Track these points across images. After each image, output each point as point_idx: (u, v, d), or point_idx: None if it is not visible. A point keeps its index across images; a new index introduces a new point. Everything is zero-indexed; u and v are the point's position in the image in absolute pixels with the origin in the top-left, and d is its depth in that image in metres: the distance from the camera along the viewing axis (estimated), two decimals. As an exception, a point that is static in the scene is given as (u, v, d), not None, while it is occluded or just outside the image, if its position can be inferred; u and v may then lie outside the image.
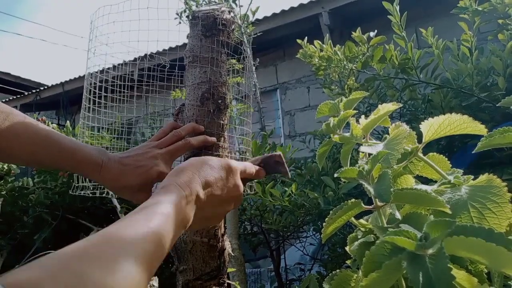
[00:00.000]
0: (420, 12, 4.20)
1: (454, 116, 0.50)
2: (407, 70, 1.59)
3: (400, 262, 0.34)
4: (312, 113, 5.04)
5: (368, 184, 0.49)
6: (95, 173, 0.66)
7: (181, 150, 0.73)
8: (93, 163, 0.65)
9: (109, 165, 0.66)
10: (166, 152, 0.71)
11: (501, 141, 0.46)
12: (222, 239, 0.80)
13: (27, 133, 0.61)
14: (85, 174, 0.70)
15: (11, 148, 0.61)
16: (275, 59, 5.58)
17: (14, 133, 0.60)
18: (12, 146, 0.60)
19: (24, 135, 0.61)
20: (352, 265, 0.55)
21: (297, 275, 2.78)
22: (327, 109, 0.65)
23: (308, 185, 1.85)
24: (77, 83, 6.78)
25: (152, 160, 0.69)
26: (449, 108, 1.49)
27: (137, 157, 0.69)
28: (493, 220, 0.43)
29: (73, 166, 0.66)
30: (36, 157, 0.64)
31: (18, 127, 0.61)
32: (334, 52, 1.70)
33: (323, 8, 4.78)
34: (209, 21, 0.79)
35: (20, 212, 3.26)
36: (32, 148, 0.62)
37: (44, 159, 0.65)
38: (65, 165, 0.66)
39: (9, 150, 0.61)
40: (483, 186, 0.45)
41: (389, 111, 0.58)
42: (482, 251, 0.33)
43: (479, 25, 1.54)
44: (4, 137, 0.59)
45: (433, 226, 0.36)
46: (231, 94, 0.85)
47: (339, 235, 1.86)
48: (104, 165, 0.66)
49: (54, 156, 0.64)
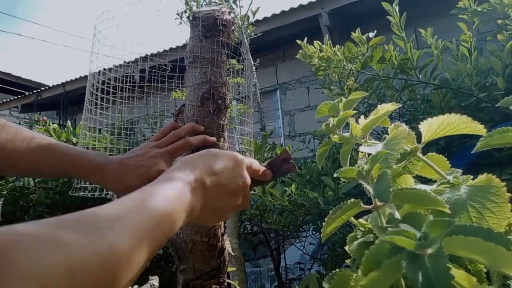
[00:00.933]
0: (420, 13, 4.20)
1: (453, 116, 0.50)
2: (407, 70, 1.59)
3: (400, 261, 0.34)
4: (312, 113, 5.04)
5: (368, 184, 0.49)
6: (95, 175, 0.67)
7: (180, 149, 0.74)
8: (94, 166, 0.66)
9: (109, 167, 0.67)
10: (166, 152, 0.71)
11: (500, 141, 0.47)
12: (222, 238, 0.80)
13: (27, 143, 0.63)
14: (86, 177, 0.71)
15: (11, 159, 0.62)
16: (275, 60, 5.58)
17: (12, 145, 0.61)
18: (12, 156, 0.61)
19: (23, 146, 0.62)
20: (351, 264, 0.55)
21: (297, 275, 2.79)
22: (326, 109, 0.65)
23: (308, 185, 1.85)
24: (78, 84, 6.79)
25: (151, 159, 0.69)
26: (448, 108, 1.49)
27: (136, 158, 0.69)
28: (492, 220, 0.43)
29: (74, 172, 0.67)
30: (36, 167, 0.65)
31: (17, 138, 0.62)
32: (333, 53, 1.71)
33: (323, 8, 4.78)
34: (210, 22, 0.79)
35: (21, 212, 3.26)
36: (32, 158, 0.63)
37: (44, 168, 0.66)
38: (66, 172, 0.67)
39: (9, 160, 0.62)
40: (482, 186, 0.45)
41: (388, 111, 0.59)
42: (481, 251, 0.33)
43: (478, 25, 1.54)
44: (3, 149, 0.60)
45: (432, 226, 0.36)
46: (231, 95, 0.85)
47: (339, 234, 1.86)
48: (104, 167, 0.66)
49: (55, 165, 0.65)
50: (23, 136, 0.63)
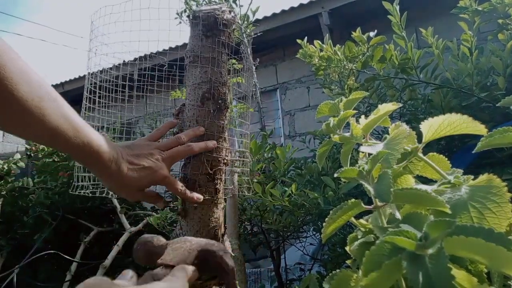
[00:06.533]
0: (420, 12, 4.19)
1: (454, 116, 0.50)
2: (407, 70, 1.59)
3: (400, 262, 0.34)
4: (312, 113, 5.05)
5: (368, 184, 0.49)
6: (103, 169, 0.63)
7: (182, 156, 0.74)
8: (105, 160, 0.62)
9: (118, 163, 0.64)
10: (169, 156, 0.71)
11: (501, 141, 0.46)
12: (222, 239, 0.80)
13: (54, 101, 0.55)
14: (93, 167, 0.64)
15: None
16: (275, 59, 5.58)
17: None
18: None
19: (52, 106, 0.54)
20: (352, 265, 0.55)
21: (297, 275, 2.78)
22: (327, 109, 0.65)
23: (308, 185, 1.85)
24: (77, 83, 6.78)
25: (157, 162, 0.69)
26: (449, 108, 1.49)
27: (143, 158, 0.68)
28: (493, 220, 0.43)
29: (86, 154, 0.60)
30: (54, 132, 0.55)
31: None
32: (334, 52, 1.70)
33: (323, 8, 4.78)
34: (210, 21, 0.79)
35: (20, 212, 3.26)
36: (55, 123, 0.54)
37: (60, 140, 0.56)
38: (77, 150, 0.59)
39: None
40: (483, 186, 0.45)
41: (389, 111, 0.58)
42: (482, 251, 0.33)
43: (479, 25, 1.54)
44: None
45: (433, 226, 0.36)
46: (231, 94, 0.85)
47: (339, 235, 1.86)
48: (114, 163, 0.63)
49: (71, 137, 0.56)
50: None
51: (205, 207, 0.77)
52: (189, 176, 0.77)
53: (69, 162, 3.17)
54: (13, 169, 3.41)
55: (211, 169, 0.77)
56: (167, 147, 0.72)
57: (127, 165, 0.65)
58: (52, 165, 3.27)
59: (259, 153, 2.03)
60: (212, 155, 0.77)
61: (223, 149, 0.80)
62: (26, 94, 0.50)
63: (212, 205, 0.78)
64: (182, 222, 0.78)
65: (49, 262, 3.24)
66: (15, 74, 0.49)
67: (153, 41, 0.94)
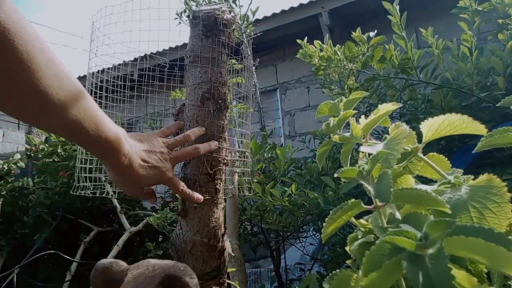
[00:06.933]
0: (420, 12, 4.19)
1: (454, 116, 0.50)
2: (407, 70, 1.59)
3: (400, 262, 0.34)
4: (312, 113, 5.05)
5: (368, 184, 0.49)
6: (116, 164, 0.61)
7: (189, 157, 0.75)
8: (120, 155, 0.61)
9: (131, 159, 0.63)
10: (176, 157, 0.72)
11: (501, 141, 0.46)
12: (222, 239, 0.80)
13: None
14: (106, 160, 0.63)
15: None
16: (275, 59, 5.58)
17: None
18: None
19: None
20: (352, 265, 0.55)
21: (297, 275, 2.78)
22: (327, 109, 0.65)
23: (308, 185, 1.85)
24: (77, 83, 6.77)
25: (165, 163, 0.69)
26: (449, 108, 1.49)
27: (153, 156, 0.68)
28: (493, 220, 0.43)
29: (102, 148, 0.59)
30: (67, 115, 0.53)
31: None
32: (334, 52, 1.70)
33: (323, 8, 4.78)
34: (210, 21, 0.79)
35: (20, 212, 3.26)
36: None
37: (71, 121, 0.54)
38: (94, 145, 0.58)
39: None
40: (483, 186, 0.45)
41: (389, 111, 0.58)
42: (482, 251, 0.33)
43: (479, 25, 1.54)
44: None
45: (433, 226, 0.36)
46: (231, 94, 0.85)
47: (339, 235, 1.86)
48: (128, 158, 0.62)
49: (89, 131, 0.55)
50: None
51: (205, 207, 0.77)
52: (189, 176, 0.77)
53: (69, 162, 3.17)
54: (13, 169, 3.41)
55: (211, 169, 0.77)
56: (175, 145, 0.73)
57: (139, 162, 0.65)
58: (52, 165, 3.27)
59: (259, 153, 2.03)
60: (212, 155, 0.77)
61: (223, 149, 0.80)
62: (51, 89, 0.49)
63: (212, 205, 0.78)
64: (182, 222, 0.78)
65: (49, 262, 3.24)
66: (43, 65, 0.47)
67: (153, 41, 0.94)
